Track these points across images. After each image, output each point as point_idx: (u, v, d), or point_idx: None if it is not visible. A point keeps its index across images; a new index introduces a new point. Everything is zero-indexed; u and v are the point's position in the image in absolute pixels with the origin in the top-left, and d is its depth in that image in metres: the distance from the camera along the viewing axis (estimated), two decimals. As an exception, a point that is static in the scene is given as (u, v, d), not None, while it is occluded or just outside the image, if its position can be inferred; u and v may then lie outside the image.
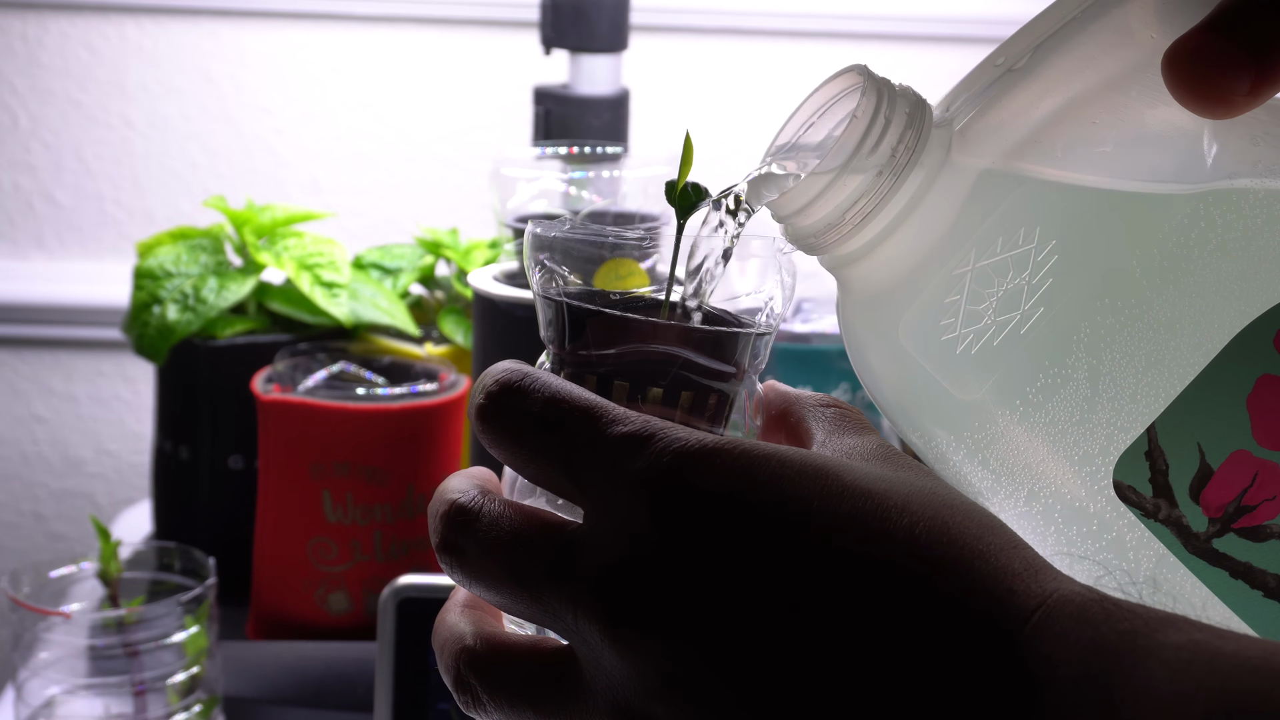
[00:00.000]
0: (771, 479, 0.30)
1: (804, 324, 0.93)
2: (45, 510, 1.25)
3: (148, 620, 0.68)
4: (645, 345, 0.35)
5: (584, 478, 0.32)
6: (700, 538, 0.30)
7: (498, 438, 0.33)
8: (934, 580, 0.29)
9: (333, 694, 0.75)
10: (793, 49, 1.25)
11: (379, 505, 0.78)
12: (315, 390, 0.81)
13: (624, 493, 0.31)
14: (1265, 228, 0.34)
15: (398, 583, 0.66)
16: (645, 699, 0.30)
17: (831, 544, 0.29)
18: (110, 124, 1.18)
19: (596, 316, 0.35)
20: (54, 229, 1.20)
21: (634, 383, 0.35)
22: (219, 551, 0.76)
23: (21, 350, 1.22)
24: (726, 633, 0.29)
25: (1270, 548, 0.35)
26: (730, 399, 0.36)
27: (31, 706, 0.70)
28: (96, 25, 1.16)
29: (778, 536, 0.30)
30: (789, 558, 0.29)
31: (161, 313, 0.86)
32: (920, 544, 0.29)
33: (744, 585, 0.29)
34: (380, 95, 1.18)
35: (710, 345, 0.36)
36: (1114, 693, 0.26)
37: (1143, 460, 0.35)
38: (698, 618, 0.29)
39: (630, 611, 0.30)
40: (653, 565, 0.30)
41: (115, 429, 1.24)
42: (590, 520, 0.31)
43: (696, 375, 0.35)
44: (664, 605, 0.30)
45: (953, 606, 0.29)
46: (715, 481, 0.30)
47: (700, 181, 0.38)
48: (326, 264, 0.88)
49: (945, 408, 0.37)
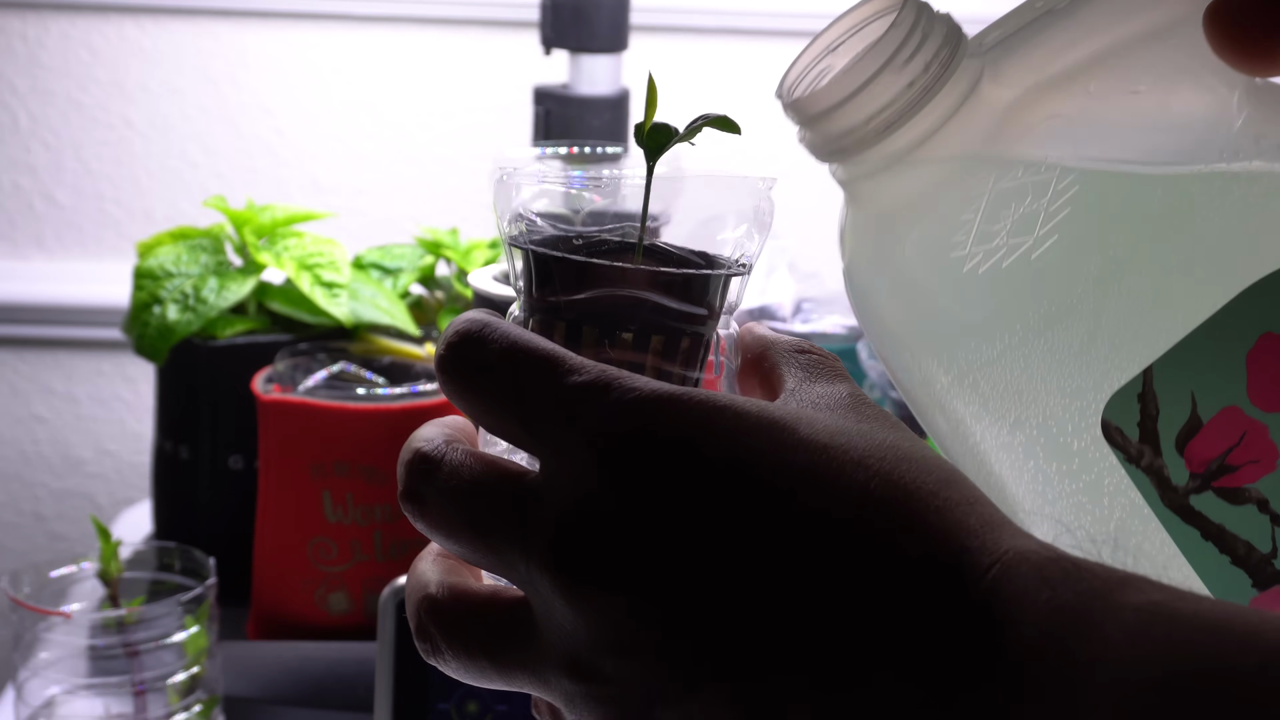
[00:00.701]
0: (725, 430, 0.30)
1: (804, 324, 0.93)
2: (45, 510, 1.25)
3: (148, 620, 0.68)
4: (612, 290, 0.35)
5: (539, 429, 0.31)
6: (650, 490, 0.30)
7: (456, 388, 0.33)
8: (887, 535, 0.29)
9: (333, 694, 0.75)
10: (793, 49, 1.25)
11: (379, 505, 0.78)
12: (315, 390, 0.81)
13: (577, 443, 0.30)
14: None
15: (398, 583, 0.66)
16: (595, 652, 0.30)
17: (781, 497, 0.29)
18: (110, 124, 1.18)
19: (562, 262, 0.35)
20: (54, 229, 1.20)
21: (602, 328, 0.35)
22: (219, 551, 0.76)
23: (21, 350, 1.22)
24: (673, 588, 0.29)
25: (1246, 513, 0.35)
26: (705, 341, 0.36)
27: (32, 706, 0.70)
28: (96, 25, 1.17)
29: (728, 490, 0.29)
30: (739, 512, 0.29)
31: (162, 313, 0.86)
32: (874, 499, 0.29)
33: (692, 540, 0.29)
34: (380, 95, 1.18)
35: (679, 288, 0.35)
36: (1071, 654, 0.26)
37: (1134, 403, 0.35)
38: (646, 572, 0.29)
39: (580, 565, 0.30)
40: (603, 518, 0.30)
41: (115, 429, 1.24)
42: (545, 471, 0.31)
43: (667, 319, 0.35)
44: (613, 559, 0.29)
45: (905, 562, 0.28)
46: (668, 431, 0.30)
47: (668, 121, 0.38)
48: (326, 264, 0.88)
49: (943, 328, 0.36)
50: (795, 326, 0.92)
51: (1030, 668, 0.27)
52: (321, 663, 0.76)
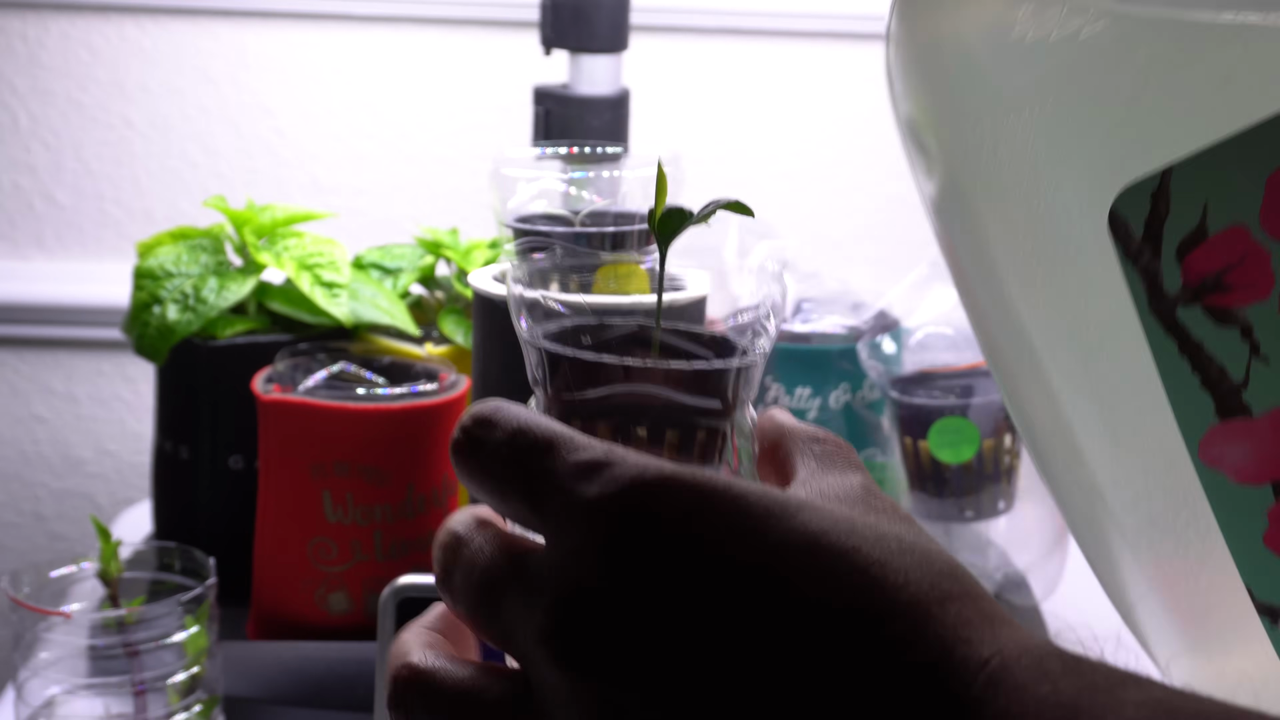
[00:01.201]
0: (725, 512, 0.30)
1: (804, 324, 0.93)
2: (45, 510, 1.25)
3: (148, 620, 0.68)
4: (624, 388, 0.34)
5: (542, 506, 0.32)
6: (647, 572, 0.30)
7: (466, 469, 0.34)
8: (882, 628, 0.29)
9: (333, 694, 0.75)
10: (793, 49, 1.25)
11: (379, 505, 0.78)
12: (315, 390, 0.81)
13: (578, 519, 0.31)
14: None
15: (398, 583, 0.66)
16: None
17: (775, 584, 0.29)
18: (110, 124, 1.18)
19: (572, 361, 0.35)
20: (54, 229, 1.20)
21: (616, 424, 0.35)
22: (219, 551, 0.76)
23: (21, 350, 1.22)
24: (660, 678, 0.29)
25: (1228, 337, 0.34)
26: (722, 433, 0.36)
27: (31, 706, 0.70)
28: (97, 25, 1.17)
29: (721, 574, 0.29)
30: (730, 598, 0.29)
31: (161, 313, 0.86)
32: (872, 590, 0.29)
33: (682, 629, 0.29)
34: (380, 95, 1.18)
35: (692, 382, 0.35)
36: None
37: (1147, 199, 0.34)
38: (634, 661, 0.29)
39: (575, 649, 0.30)
40: (598, 601, 0.30)
41: (115, 429, 1.24)
42: (549, 548, 0.32)
43: (681, 414, 0.35)
44: (606, 646, 0.30)
45: (900, 657, 0.28)
46: (666, 508, 0.30)
47: (681, 205, 0.38)
48: (326, 264, 0.88)
49: (978, 96, 0.36)
50: (795, 326, 0.92)
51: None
52: (321, 663, 0.76)
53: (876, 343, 0.88)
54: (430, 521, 0.79)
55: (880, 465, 0.92)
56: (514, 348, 0.37)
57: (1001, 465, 0.86)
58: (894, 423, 0.88)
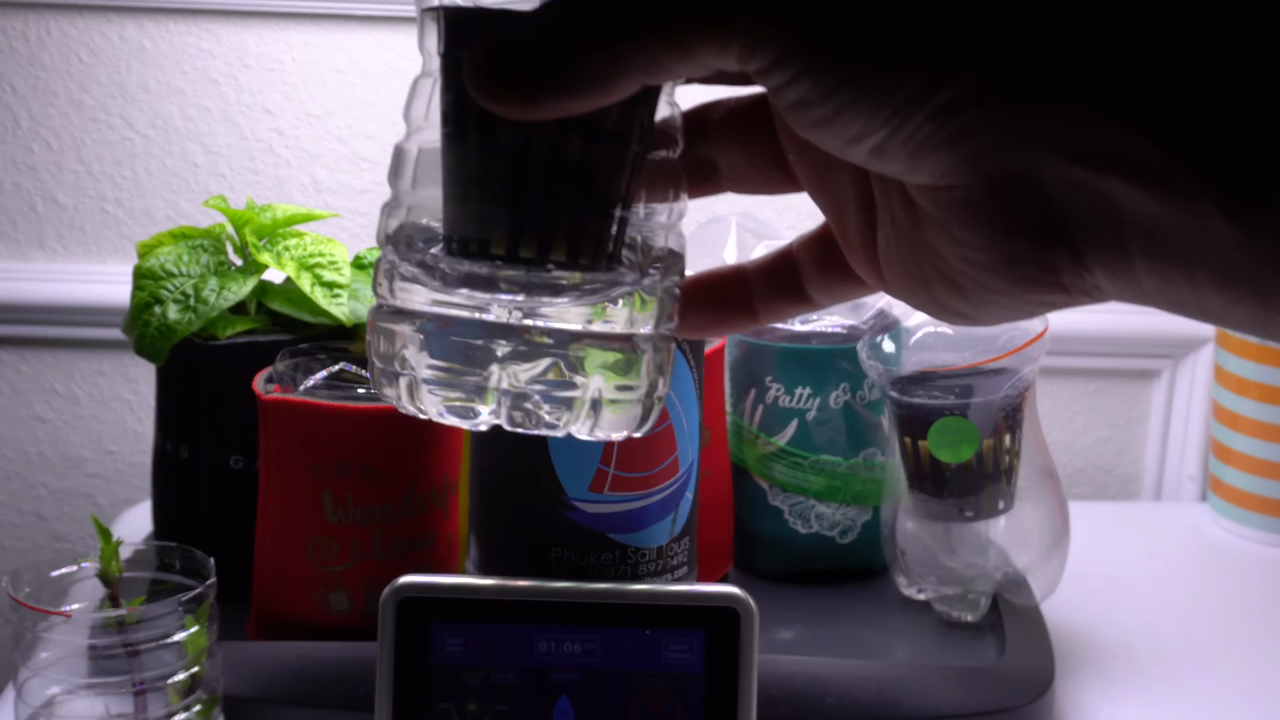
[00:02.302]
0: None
1: (803, 324, 0.93)
2: (45, 510, 1.25)
3: (148, 620, 0.69)
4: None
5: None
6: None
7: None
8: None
9: (333, 694, 0.75)
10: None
11: (379, 505, 0.78)
12: (316, 390, 0.81)
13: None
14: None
15: (398, 583, 0.66)
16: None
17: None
18: (111, 125, 1.18)
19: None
20: (55, 229, 1.20)
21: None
22: (219, 551, 0.76)
23: (22, 350, 1.22)
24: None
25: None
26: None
27: (32, 706, 0.70)
28: (97, 26, 1.17)
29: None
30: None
31: (162, 313, 0.86)
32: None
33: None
34: (380, 95, 1.18)
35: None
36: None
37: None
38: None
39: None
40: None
41: (116, 429, 1.24)
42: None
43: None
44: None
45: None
46: None
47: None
48: (327, 264, 0.88)
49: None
50: (795, 326, 0.92)
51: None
52: (321, 663, 0.76)
53: (876, 342, 0.88)
54: (430, 521, 0.79)
55: (880, 465, 0.92)
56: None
57: (1001, 465, 0.86)
58: (894, 423, 0.88)
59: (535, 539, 0.71)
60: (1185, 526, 1.15)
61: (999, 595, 0.87)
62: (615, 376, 0.37)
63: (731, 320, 0.43)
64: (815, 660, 0.78)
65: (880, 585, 0.93)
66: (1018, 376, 0.85)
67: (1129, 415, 1.29)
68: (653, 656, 0.65)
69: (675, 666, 0.65)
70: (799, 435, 0.91)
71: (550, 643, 0.65)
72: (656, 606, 0.65)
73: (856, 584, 0.94)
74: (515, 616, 0.65)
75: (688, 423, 0.73)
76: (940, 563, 0.88)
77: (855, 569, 0.94)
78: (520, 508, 0.72)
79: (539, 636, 0.65)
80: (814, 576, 0.94)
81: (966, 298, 0.35)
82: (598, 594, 0.65)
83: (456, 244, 0.36)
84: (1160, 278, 0.31)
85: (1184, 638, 0.94)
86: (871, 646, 0.86)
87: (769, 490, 0.93)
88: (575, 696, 0.65)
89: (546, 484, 0.70)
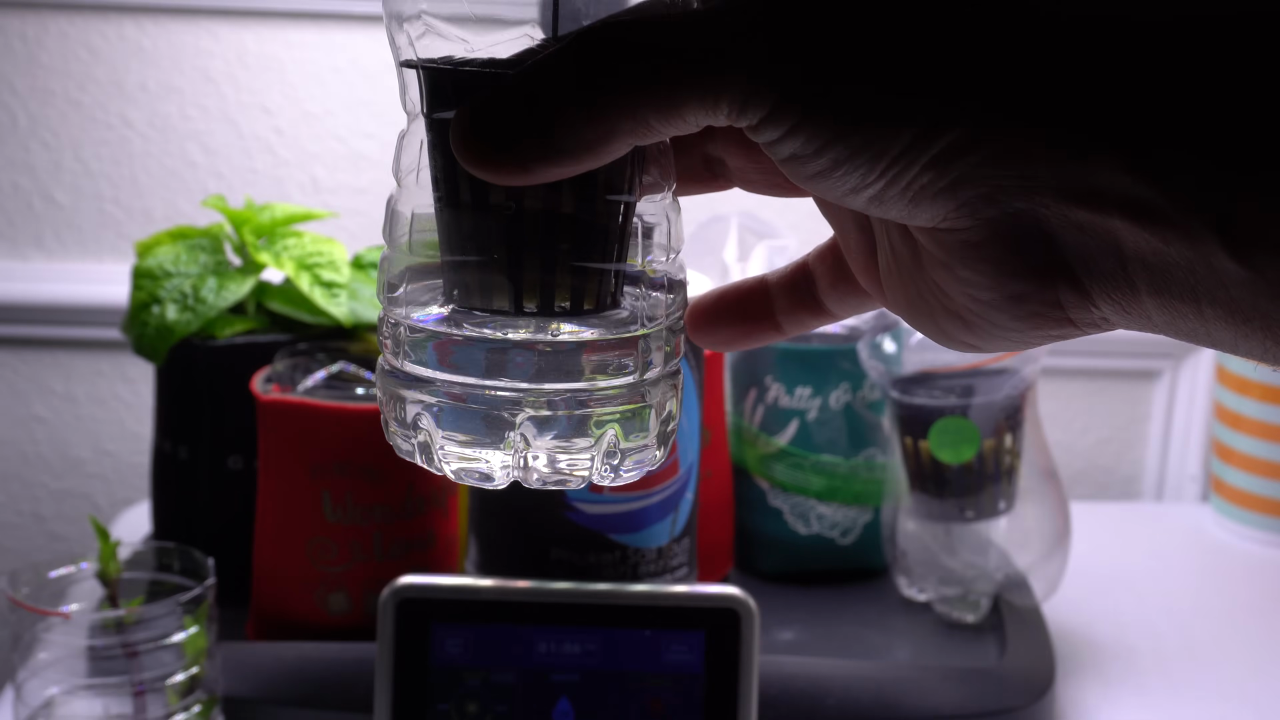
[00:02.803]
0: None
1: (804, 324, 0.92)
2: (45, 510, 1.25)
3: (147, 620, 0.68)
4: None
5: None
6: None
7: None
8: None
9: (333, 694, 0.75)
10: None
11: (379, 505, 0.78)
12: (315, 390, 0.80)
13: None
14: None
15: (398, 583, 0.66)
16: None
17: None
18: (109, 124, 1.18)
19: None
20: (53, 229, 1.20)
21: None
22: (219, 551, 0.76)
23: (21, 350, 1.22)
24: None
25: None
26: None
27: (31, 707, 0.69)
28: (96, 25, 1.16)
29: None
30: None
31: (161, 313, 0.85)
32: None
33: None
34: (380, 95, 1.18)
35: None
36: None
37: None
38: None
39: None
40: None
41: (114, 429, 1.24)
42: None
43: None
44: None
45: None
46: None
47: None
48: (326, 264, 0.88)
49: None
50: (795, 326, 0.92)
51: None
52: (321, 663, 0.76)
53: (877, 342, 0.88)
54: (430, 521, 0.79)
55: (880, 465, 0.92)
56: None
57: (1002, 465, 0.86)
58: (894, 423, 0.88)
59: (535, 539, 0.71)
60: (1186, 527, 1.15)
61: (1000, 596, 0.87)
62: (630, 425, 0.37)
63: (756, 333, 0.42)
64: (816, 661, 0.78)
65: (881, 586, 0.93)
66: (1019, 377, 0.85)
67: (1130, 415, 1.29)
68: (653, 657, 0.64)
69: (675, 667, 0.64)
70: (800, 435, 0.91)
71: (550, 643, 0.65)
72: (657, 607, 0.65)
73: (857, 585, 0.94)
74: (515, 617, 0.65)
75: (688, 423, 0.73)
76: (941, 563, 0.87)
77: (856, 570, 0.94)
78: (520, 508, 0.72)
79: (539, 637, 0.65)
80: (814, 577, 0.93)
81: (972, 331, 0.35)
82: (598, 595, 0.65)
83: (459, 308, 0.37)
84: (1169, 312, 0.31)
85: (1185, 638, 0.94)
86: (872, 647, 0.86)
87: (769, 490, 0.93)
88: (575, 697, 0.65)
89: (546, 484, 0.70)
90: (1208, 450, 1.25)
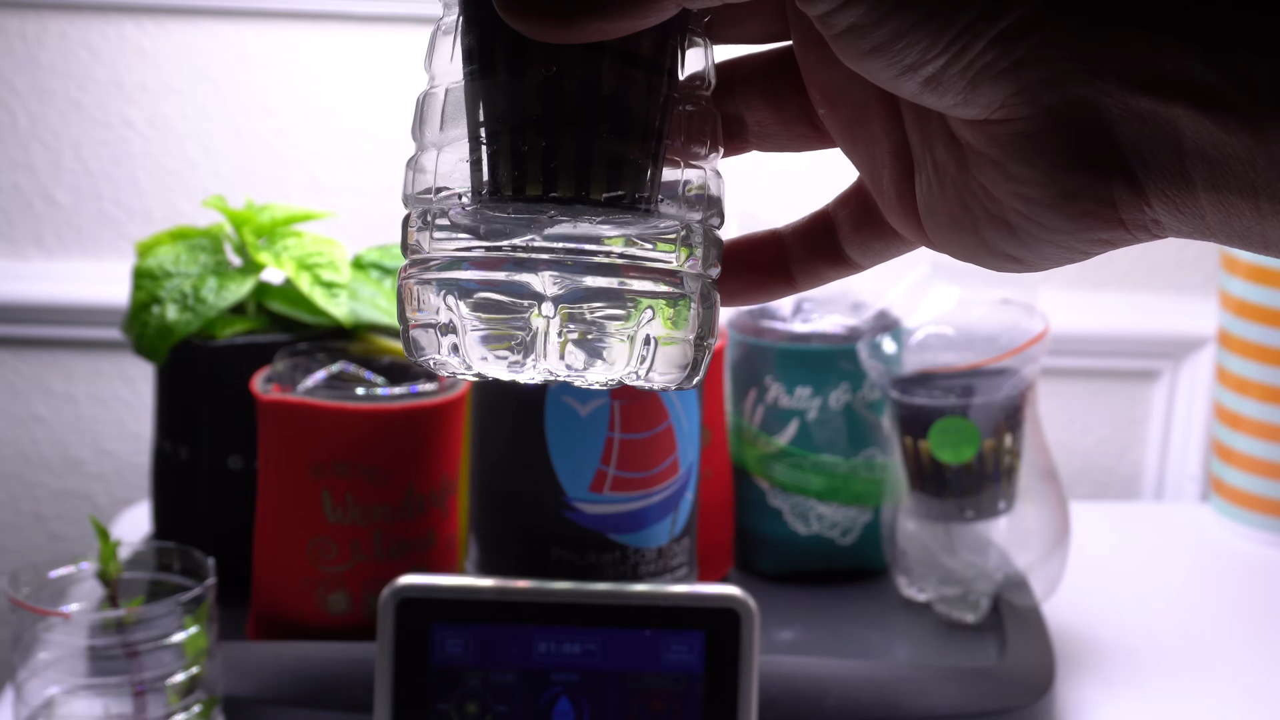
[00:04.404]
0: None
1: (804, 323, 0.93)
2: (45, 510, 1.25)
3: (147, 620, 0.68)
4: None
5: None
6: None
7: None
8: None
9: (333, 694, 0.75)
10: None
11: (379, 505, 0.78)
12: (315, 390, 0.81)
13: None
14: None
15: (398, 583, 0.66)
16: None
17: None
18: (109, 124, 1.18)
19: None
20: (53, 229, 1.20)
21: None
22: (219, 551, 0.76)
23: (21, 350, 1.22)
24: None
25: None
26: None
27: (31, 707, 0.69)
28: (96, 25, 1.16)
29: None
30: None
31: (161, 313, 0.86)
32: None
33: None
34: (380, 95, 1.18)
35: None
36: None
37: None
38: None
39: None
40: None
41: (115, 429, 1.24)
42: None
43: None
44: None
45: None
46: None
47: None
48: (326, 264, 0.88)
49: None
50: (795, 326, 0.92)
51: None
52: (321, 663, 0.76)
53: (877, 343, 0.88)
54: (430, 521, 0.79)
55: (880, 465, 0.92)
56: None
57: (1002, 465, 0.86)
58: (894, 423, 0.88)
59: (535, 539, 0.71)
60: (1186, 527, 1.15)
61: (999, 596, 0.87)
62: (666, 309, 0.36)
63: (768, 286, 0.41)
64: (816, 661, 0.78)
65: (881, 586, 0.93)
66: (1018, 376, 0.85)
67: (1130, 415, 1.29)
68: (653, 657, 0.65)
69: (675, 667, 0.64)
70: (799, 435, 0.91)
71: (550, 643, 0.65)
72: (656, 607, 0.65)
73: (857, 584, 0.94)
74: (515, 617, 0.65)
75: (688, 423, 0.73)
76: (941, 563, 0.88)
77: (856, 569, 0.94)
78: (520, 508, 0.72)
79: (539, 637, 0.65)
80: (814, 577, 0.93)
81: (1019, 238, 0.34)
82: (598, 595, 0.65)
83: (489, 187, 0.35)
84: (1224, 209, 0.30)
85: (1184, 638, 0.94)
86: (872, 647, 0.86)
87: (769, 490, 0.93)
88: (575, 697, 0.65)
89: (546, 484, 0.70)
90: (1207, 450, 1.25)
